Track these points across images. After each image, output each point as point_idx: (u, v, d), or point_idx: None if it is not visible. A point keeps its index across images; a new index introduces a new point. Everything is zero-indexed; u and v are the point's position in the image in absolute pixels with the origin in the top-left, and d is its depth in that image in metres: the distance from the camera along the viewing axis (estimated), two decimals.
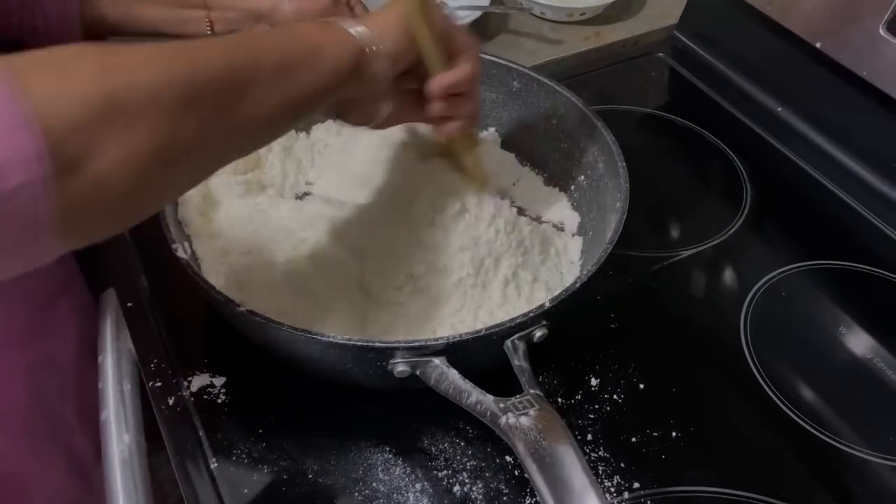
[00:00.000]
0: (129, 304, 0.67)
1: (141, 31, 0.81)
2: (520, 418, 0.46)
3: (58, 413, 0.73)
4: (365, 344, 0.52)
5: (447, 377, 0.52)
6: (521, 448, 0.45)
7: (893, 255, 0.76)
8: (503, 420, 0.47)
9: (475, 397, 0.49)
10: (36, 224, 0.34)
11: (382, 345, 0.52)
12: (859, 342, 0.68)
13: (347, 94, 0.51)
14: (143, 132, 0.37)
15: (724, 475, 0.57)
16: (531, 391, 0.49)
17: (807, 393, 0.63)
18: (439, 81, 0.56)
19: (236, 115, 0.42)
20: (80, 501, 0.70)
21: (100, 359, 0.74)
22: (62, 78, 0.35)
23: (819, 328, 0.69)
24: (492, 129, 0.80)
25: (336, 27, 0.49)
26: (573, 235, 0.71)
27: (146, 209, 0.41)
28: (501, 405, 0.48)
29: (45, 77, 0.35)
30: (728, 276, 0.73)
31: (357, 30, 0.50)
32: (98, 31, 0.80)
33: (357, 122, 0.57)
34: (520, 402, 0.48)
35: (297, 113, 0.47)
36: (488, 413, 0.48)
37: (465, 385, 0.51)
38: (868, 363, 0.66)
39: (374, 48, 0.50)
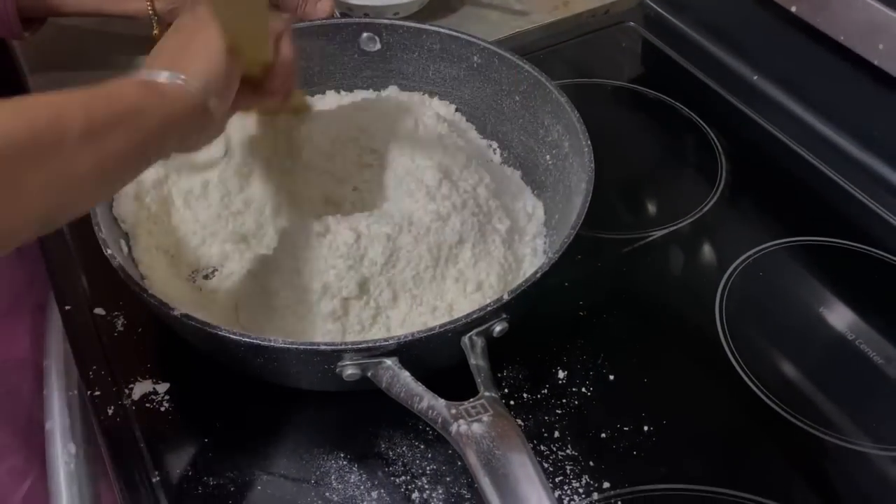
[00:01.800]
0: (67, 307, 0.63)
1: (81, 10, 0.78)
2: (472, 425, 0.43)
3: (27, 415, 0.70)
4: (310, 347, 0.49)
5: (399, 379, 0.48)
6: (472, 459, 0.41)
7: (876, 229, 0.72)
8: (454, 427, 0.43)
9: (427, 402, 0.46)
10: None
11: (329, 347, 0.49)
12: (840, 323, 0.64)
13: (188, 138, 0.50)
14: None
15: (698, 471, 0.54)
16: (486, 394, 0.46)
17: (786, 380, 0.60)
18: (281, 81, 0.57)
19: (35, 183, 0.39)
20: None
21: (45, 363, 0.71)
22: None
23: (798, 309, 0.66)
24: (451, 106, 0.76)
25: (150, 85, 0.47)
26: (536, 219, 0.67)
27: None
28: (453, 411, 0.44)
29: None
30: (703, 256, 0.70)
31: (180, 79, 0.47)
32: (37, 12, 0.76)
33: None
34: (473, 408, 0.44)
35: (129, 166, 0.45)
36: (440, 419, 0.45)
37: (418, 388, 0.47)
38: (850, 345, 0.63)
39: (201, 96, 0.48)
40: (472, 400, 0.45)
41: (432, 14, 0.92)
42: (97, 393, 0.57)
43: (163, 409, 0.56)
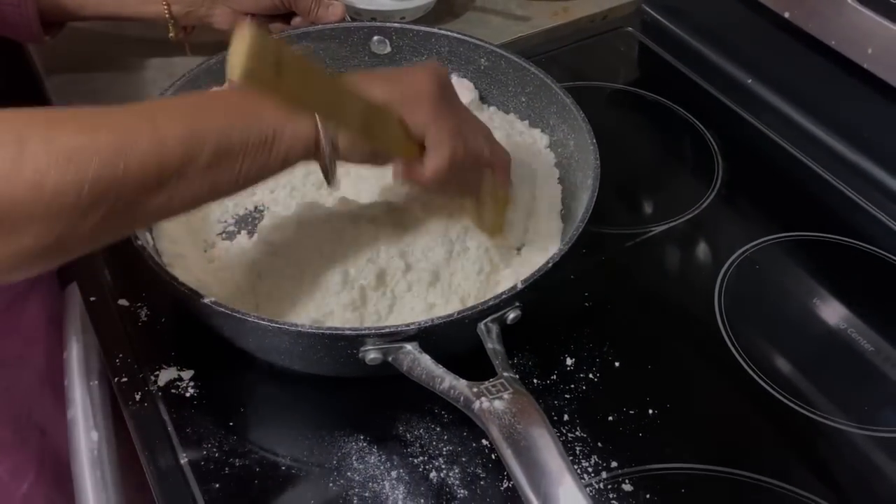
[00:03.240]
0: (91, 299, 0.65)
1: (100, 14, 0.79)
2: (493, 402, 0.45)
3: (26, 413, 0.71)
4: (335, 332, 0.51)
5: (420, 363, 0.51)
6: (495, 433, 0.44)
7: (865, 224, 0.76)
8: (476, 405, 0.46)
9: (448, 382, 0.49)
10: None
11: (353, 332, 0.51)
12: (833, 312, 0.68)
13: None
14: (30, 236, 0.36)
15: (701, 451, 0.57)
16: (505, 374, 0.49)
17: (782, 365, 0.63)
18: (399, 174, 0.56)
19: (146, 208, 0.41)
20: (53, 501, 0.69)
21: (65, 355, 0.73)
22: None
23: (793, 300, 0.69)
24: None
25: (295, 115, 0.47)
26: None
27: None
28: (475, 389, 0.47)
29: None
30: (701, 250, 0.73)
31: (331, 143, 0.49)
32: (56, 16, 0.78)
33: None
34: (493, 386, 0.47)
35: (219, 196, 0.47)
36: (462, 398, 0.47)
37: (438, 370, 0.50)
38: (842, 333, 0.66)
39: (326, 139, 0.48)
40: (492, 380, 0.48)
41: (437, 19, 0.95)
42: (124, 380, 0.60)
43: (188, 394, 0.59)
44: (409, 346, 0.52)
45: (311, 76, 0.45)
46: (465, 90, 0.75)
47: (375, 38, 0.77)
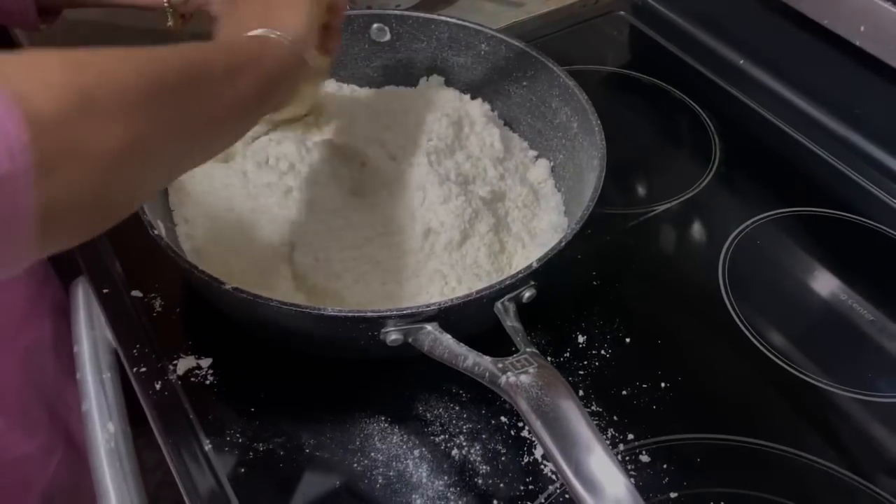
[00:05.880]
0: (104, 291, 0.65)
1: (98, 1, 0.79)
2: (519, 377, 0.46)
3: (57, 394, 0.72)
4: (356, 314, 0.52)
5: (441, 343, 0.52)
6: (523, 406, 0.45)
7: (858, 198, 0.78)
8: (503, 380, 0.47)
9: (472, 360, 0.50)
10: (12, 219, 0.32)
11: (374, 314, 0.52)
12: (832, 284, 0.69)
13: (292, 86, 0.55)
14: (117, 129, 0.37)
15: (713, 421, 0.59)
16: (527, 350, 0.50)
17: (786, 336, 0.65)
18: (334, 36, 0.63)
19: (196, 113, 0.44)
20: (80, 483, 0.70)
21: (75, 349, 0.73)
22: (37, 69, 0.34)
23: (794, 273, 0.70)
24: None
25: (264, 38, 0.52)
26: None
27: (120, 210, 0.41)
28: (500, 365, 0.48)
29: (21, 67, 0.34)
30: (703, 228, 0.75)
31: (277, 34, 0.52)
32: (53, 3, 0.77)
33: None
34: (517, 361, 0.48)
35: (252, 110, 0.49)
36: (487, 374, 0.48)
37: (461, 349, 0.51)
38: (841, 304, 0.68)
39: (296, 48, 0.53)
40: (515, 355, 0.49)
41: (431, 6, 0.95)
42: (143, 370, 0.60)
43: (208, 382, 0.59)
44: (429, 327, 0.53)
45: None
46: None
47: (375, 25, 0.78)
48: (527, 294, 0.56)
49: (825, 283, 0.69)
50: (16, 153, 0.31)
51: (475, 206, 0.64)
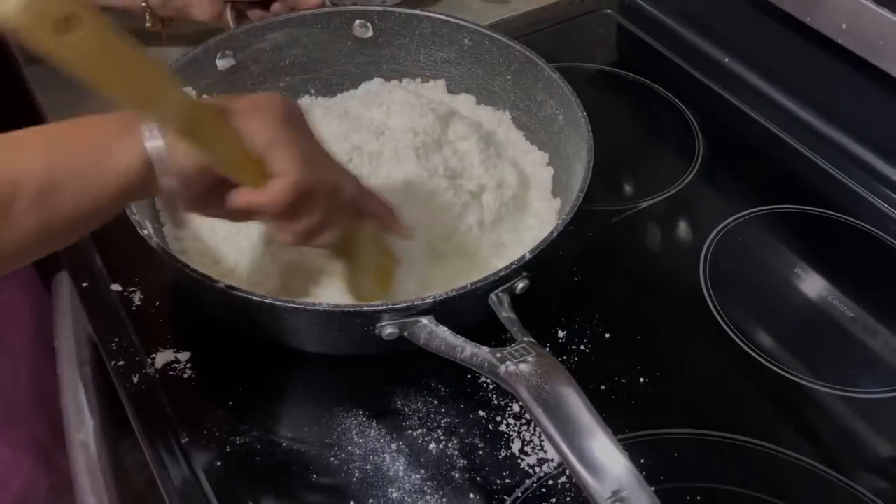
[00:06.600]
0: (83, 285, 0.65)
1: None
2: (519, 366, 0.47)
3: (13, 397, 0.71)
4: (352, 309, 0.52)
5: (437, 335, 0.52)
6: (524, 394, 0.45)
7: (840, 195, 0.78)
8: (503, 369, 0.47)
9: (470, 351, 0.50)
10: None
11: (370, 308, 0.52)
12: (813, 281, 0.70)
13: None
14: None
15: (691, 416, 0.59)
16: (525, 339, 0.50)
17: (766, 332, 0.65)
18: (236, 199, 0.47)
19: None
20: (54, 485, 0.69)
21: (56, 344, 0.73)
22: None
23: (775, 270, 0.71)
24: (441, 81, 0.79)
25: (131, 136, 0.42)
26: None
27: None
28: (498, 355, 0.48)
29: None
30: (685, 224, 0.75)
31: (154, 144, 0.42)
32: None
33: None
34: (516, 351, 0.48)
35: (70, 230, 0.43)
36: (486, 364, 0.48)
37: (458, 341, 0.51)
38: (822, 301, 0.68)
39: (163, 167, 0.43)
40: (513, 345, 0.49)
41: (417, 3, 0.95)
42: (121, 363, 0.60)
43: (186, 376, 0.59)
44: (424, 320, 0.53)
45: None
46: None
47: (357, 21, 0.77)
48: (520, 285, 0.56)
49: (805, 280, 0.70)
50: None
51: (464, 199, 0.65)
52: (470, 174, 0.68)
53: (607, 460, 0.42)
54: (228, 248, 0.63)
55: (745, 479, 0.56)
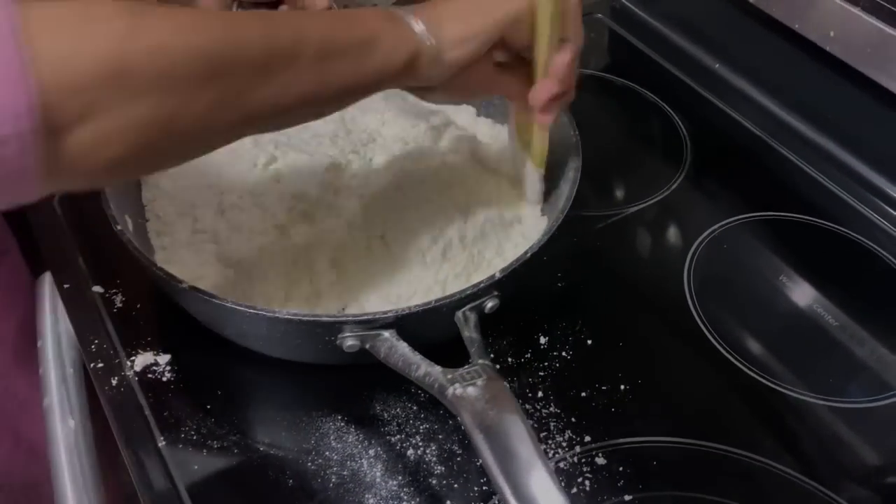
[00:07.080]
0: (65, 286, 0.65)
1: None
2: (467, 388, 0.46)
3: (5, 388, 0.71)
4: (313, 319, 0.51)
5: (397, 350, 0.51)
6: (467, 419, 0.44)
7: (828, 203, 0.78)
8: (450, 391, 0.46)
9: (423, 370, 0.49)
10: (21, 170, 0.33)
11: (330, 319, 0.52)
12: (799, 289, 0.69)
13: (392, 88, 0.50)
14: (147, 105, 0.35)
15: (672, 425, 0.58)
16: (480, 361, 0.49)
17: (750, 341, 0.64)
18: (561, 64, 0.54)
19: (257, 97, 0.40)
20: (36, 482, 0.69)
21: (39, 344, 0.73)
22: (79, 35, 0.34)
23: (760, 278, 0.70)
24: None
25: (397, 21, 0.46)
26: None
27: (136, 174, 0.40)
28: (449, 376, 0.47)
29: (61, 31, 0.33)
30: (671, 231, 0.75)
31: (418, 28, 0.47)
32: None
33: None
34: (468, 373, 0.47)
35: (326, 104, 0.46)
36: (436, 385, 0.48)
37: (415, 357, 0.50)
38: (807, 309, 0.68)
39: (433, 51, 0.47)
40: (466, 367, 0.49)
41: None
42: (100, 365, 0.60)
43: (165, 379, 0.59)
44: (386, 334, 0.52)
45: None
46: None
47: None
48: (489, 304, 0.55)
49: (790, 288, 0.69)
50: (21, 117, 0.32)
51: (451, 211, 0.64)
52: (459, 186, 0.68)
53: (544, 497, 0.41)
54: (211, 246, 0.63)
55: (725, 488, 0.55)
